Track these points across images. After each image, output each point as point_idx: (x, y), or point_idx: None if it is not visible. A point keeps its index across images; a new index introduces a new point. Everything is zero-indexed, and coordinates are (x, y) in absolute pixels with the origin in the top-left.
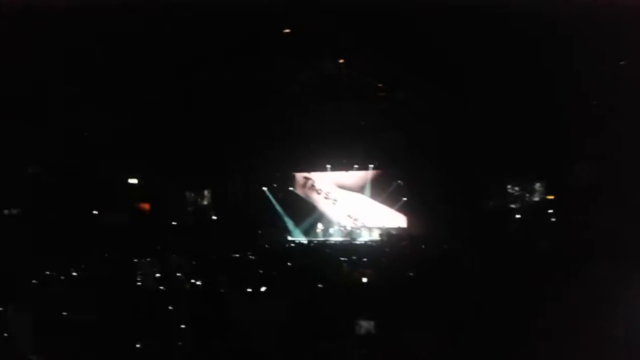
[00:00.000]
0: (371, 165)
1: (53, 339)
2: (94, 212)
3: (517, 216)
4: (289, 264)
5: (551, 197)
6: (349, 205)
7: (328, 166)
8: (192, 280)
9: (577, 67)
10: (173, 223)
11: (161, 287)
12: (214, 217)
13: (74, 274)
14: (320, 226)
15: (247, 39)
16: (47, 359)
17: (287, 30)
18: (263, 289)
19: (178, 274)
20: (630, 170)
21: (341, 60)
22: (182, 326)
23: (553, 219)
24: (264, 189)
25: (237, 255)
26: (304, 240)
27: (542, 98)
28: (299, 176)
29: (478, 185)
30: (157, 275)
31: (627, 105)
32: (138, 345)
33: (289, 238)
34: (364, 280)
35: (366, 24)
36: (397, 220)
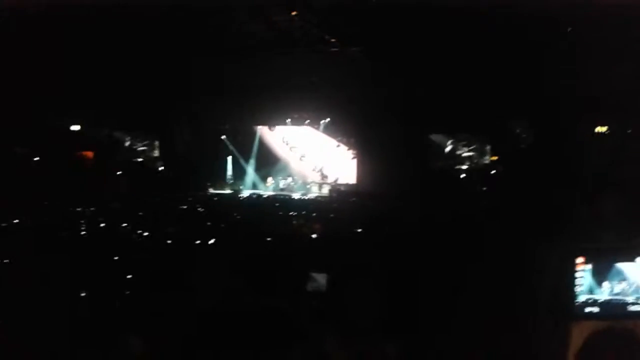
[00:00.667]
0: (323, 121)
1: None
2: (35, 158)
3: (463, 176)
4: (237, 216)
5: (495, 157)
6: (296, 141)
7: (279, 120)
8: (138, 231)
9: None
10: (119, 172)
11: (106, 237)
12: (162, 168)
13: (15, 221)
14: (270, 180)
15: None
16: None
17: None
18: (211, 241)
19: (123, 224)
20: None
21: (293, 13)
22: (128, 276)
23: (498, 179)
24: (213, 140)
25: (185, 207)
26: (253, 193)
27: (492, 57)
28: (249, 129)
29: (429, 143)
30: (102, 225)
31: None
32: (83, 294)
33: (239, 190)
34: (313, 235)
35: None
36: (346, 175)
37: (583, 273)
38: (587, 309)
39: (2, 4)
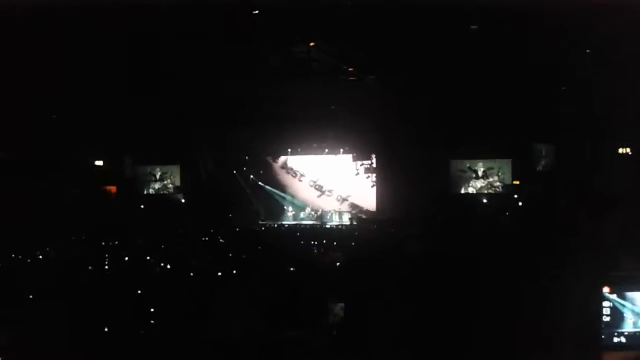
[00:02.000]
0: (341, 149)
1: (18, 323)
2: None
3: (485, 201)
4: (259, 247)
5: (517, 182)
6: (317, 177)
7: (299, 150)
8: (161, 264)
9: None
10: (141, 206)
11: (129, 271)
12: (184, 200)
13: (40, 257)
14: (290, 210)
15: (219, 19)
16: (12, 341)
17: (256, 12)
18: (233, 272)
19: (147, 257)
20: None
21: (312, 44)
22: (151, 310)
23: (520, 204)
24: (234, 172)
25: (207, 239)
26: (274, 223)
27: (509, 81)
28: (269, 159)
29: (449, 170)
30: (125, 258)
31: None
32: (106, 330)
33: (260, 222)
34: (335, 263)
35: (338, 8)
36: (367, 204)
37: (609, 302)
38: (615, 340)
39: None
